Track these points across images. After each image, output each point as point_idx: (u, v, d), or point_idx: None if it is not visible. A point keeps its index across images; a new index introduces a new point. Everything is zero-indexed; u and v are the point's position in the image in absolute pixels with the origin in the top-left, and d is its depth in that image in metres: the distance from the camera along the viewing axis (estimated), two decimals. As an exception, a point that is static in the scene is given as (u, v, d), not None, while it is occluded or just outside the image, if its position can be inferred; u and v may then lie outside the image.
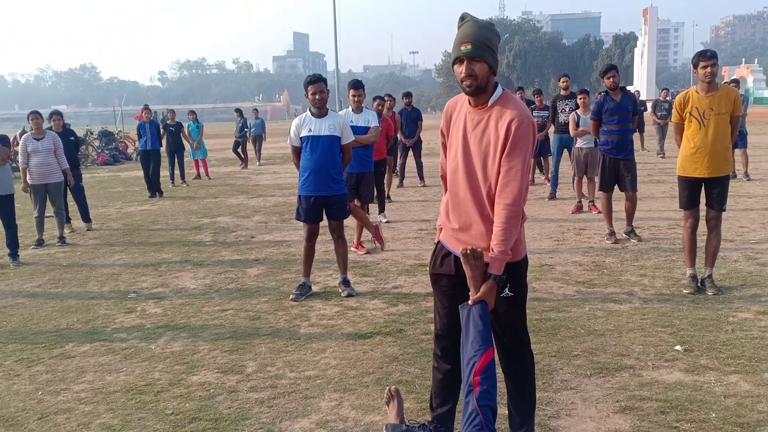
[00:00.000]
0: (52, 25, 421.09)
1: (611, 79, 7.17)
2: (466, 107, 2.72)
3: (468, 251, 2.56)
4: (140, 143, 13.43)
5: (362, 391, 3.74)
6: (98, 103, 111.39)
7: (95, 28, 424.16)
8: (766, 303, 5.00)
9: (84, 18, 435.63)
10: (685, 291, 5.36)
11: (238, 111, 19.57)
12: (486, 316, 2.54)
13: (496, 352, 2.62)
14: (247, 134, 19.30)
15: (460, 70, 2.58)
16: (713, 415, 3.29)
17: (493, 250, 2.57)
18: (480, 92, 2.60)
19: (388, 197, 11.12)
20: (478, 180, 2.66)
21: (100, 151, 22.86)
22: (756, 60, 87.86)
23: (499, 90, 2.64)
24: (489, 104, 2.63)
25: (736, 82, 12.28)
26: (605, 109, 7.21)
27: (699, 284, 5.41)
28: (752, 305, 4.97)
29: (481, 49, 2.54)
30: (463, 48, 2.55)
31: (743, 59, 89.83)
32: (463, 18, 2.63)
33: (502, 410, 3.02)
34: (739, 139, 11.86)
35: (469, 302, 2.59)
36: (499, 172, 2.58)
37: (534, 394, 2.97)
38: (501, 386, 2.83)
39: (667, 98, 17.84)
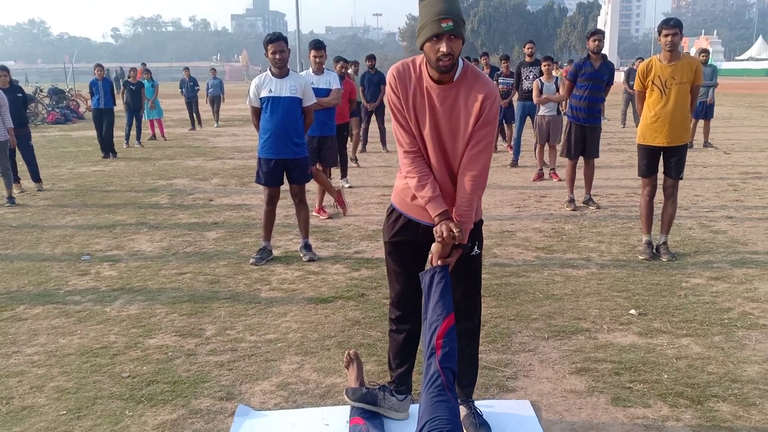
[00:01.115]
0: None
1: (596, 42, 7.02)
2: (425, 81, 2.57)
3: (454, 233, 2.52)
4: (93, 101, 12.84)
5: (324, 354, 3.73)
6: (48, 59, 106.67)
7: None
8: (718, 269, 5.17)
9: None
10: (640, 257, 5.50)
11: (186, 69, 18.93)
12: (448, 283, 2.58)
13: None
14: (198, 94, 18.61)
15: (439, 47, 2.40)
16: (665, 376, 3.40)
17: (459, 221, 2.59)
18: (452, 69, 2.50)
19: (355, 159, 11.03)
20: (450, 155, 2.64)
21: (50, 109, 21.94)
22: (715, 32, 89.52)
23: (461, 63, 2.57)
24: (455, 79, 2.55)
25: (706, 52, 12.49)
26: (582, 72, 7.13)
27: (654, 251, 5.54)
28: (704, 271, 5.12)
29: (460, 26, 2.41)
30: (444, 25, 2.37)
31: (703, 30, 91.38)
32: None
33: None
34: (708, 110, 12.17)
35: (432, 266, 2.61)
36: (466, 146, 2.58)
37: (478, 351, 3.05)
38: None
39: None
